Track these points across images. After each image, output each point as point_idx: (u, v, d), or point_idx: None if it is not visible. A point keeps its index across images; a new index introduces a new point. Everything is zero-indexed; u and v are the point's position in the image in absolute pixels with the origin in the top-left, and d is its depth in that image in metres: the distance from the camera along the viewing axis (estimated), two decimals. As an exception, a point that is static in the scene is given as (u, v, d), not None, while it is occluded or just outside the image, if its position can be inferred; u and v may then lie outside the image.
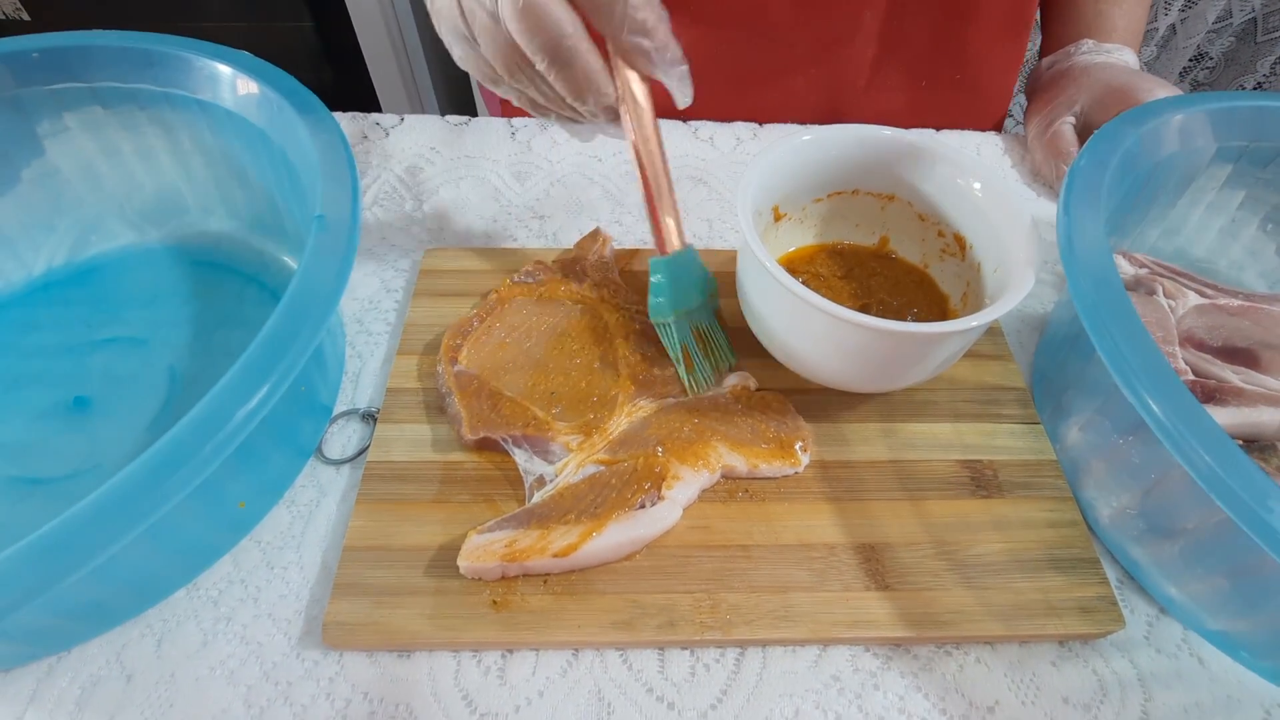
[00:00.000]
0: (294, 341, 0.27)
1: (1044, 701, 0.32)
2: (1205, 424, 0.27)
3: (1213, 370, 0.38)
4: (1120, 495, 0.34)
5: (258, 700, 0.31)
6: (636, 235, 0.49)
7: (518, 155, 0.54)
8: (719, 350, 0.39)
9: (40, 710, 0.30)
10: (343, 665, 0.32)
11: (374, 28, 1.21)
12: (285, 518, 0.36)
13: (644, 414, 0.36)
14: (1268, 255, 0.47)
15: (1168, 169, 0.41)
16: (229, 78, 0.40)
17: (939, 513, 0.36)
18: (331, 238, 0.31)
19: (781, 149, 0.38)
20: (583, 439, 0.35)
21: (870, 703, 0.31)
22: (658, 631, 0.31)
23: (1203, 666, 0.33)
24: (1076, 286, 0.31)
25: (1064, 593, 0.33)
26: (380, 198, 0.51)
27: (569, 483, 0.34)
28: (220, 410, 0.26)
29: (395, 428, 0.37)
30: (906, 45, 0.55)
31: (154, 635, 0.32)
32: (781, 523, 0.35)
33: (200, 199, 0.46)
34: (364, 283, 0.46)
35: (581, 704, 0.31)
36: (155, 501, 0.24)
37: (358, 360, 0.42)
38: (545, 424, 0.36)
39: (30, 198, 0.44)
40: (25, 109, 0.41)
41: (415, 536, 0.34)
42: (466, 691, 0.31)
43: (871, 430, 0.38)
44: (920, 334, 0.31)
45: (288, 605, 0.33)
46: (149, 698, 0.31)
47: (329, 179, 0.33)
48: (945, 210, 0.40)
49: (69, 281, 0.45)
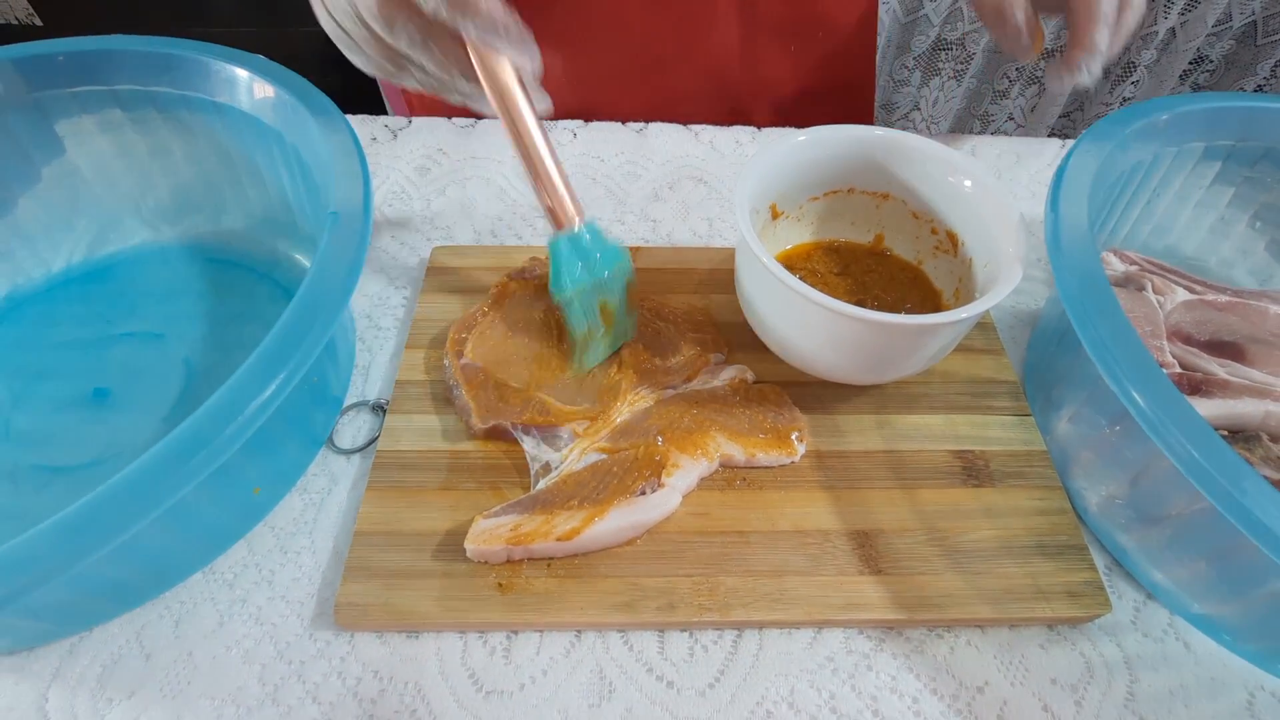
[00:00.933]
0: (309, 332, 0.29)
1: (1032, 682, 0.33)
2: (1185, 412, 0.28)
3: (1199, 363, 0.39)
4: (1107, 484, 0.35)
5: (272, 678, 0.32)
6: (638, 234, 0.51)
7: (522, 156, 0.55)
8: (619, 328, 0.39)
9: (63, 687, 0.31)
10: (354, 645, 0.33)
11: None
12: (298, 505, 0.37)
13: (645, 404, 0.38)
14: (1257, 252, 0.48)
15: (1155, 168, 0.43)
16: (244, 80, 0.41)
17: (931, 501, 0.37)
18: (345, 233, 0.32)
19: (779, 148, 0.39)
20: (588, 424, 0.37)
21: (863, 682, 0.32)
22: (658, 613, 0.33)
23: (1188, 650, 0.34)
24: (1063, 282, 0.32)
25: (1053, 578, 0.34)
26: (389, 197, 0.52)
27: (572, 470, 0.35)
28: (238, 397, 0.27)
29: (404, 418, 0.38)
30: (763, 17, 0.57)
31: (172, 616, 0.33)
32: (778, 510, 0.36)
33: (214, 198, 0.48)
34: (373, 279, 0.47)
35: (584, 683, 0.32)
36: (176, 483, 0.25)
37: (367, 354, 0.43)
38: (552, 411, 0.37)
39: (50, 197, 0.45)
40: (47, 110, 0.43)
41: (424, 522, 0.35)
42: (473, 670, 0.32)
43: (866, 422, 0.40)
44: (912, 325, 0.33)
45: (300, 588, 0.34)
46: (168, 675, 0.32)
47: (342, 177, 0.35)
48: (938, 208, 0.41)
49: (88, 278, 0.46)
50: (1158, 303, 0.41)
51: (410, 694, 0.32)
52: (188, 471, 0.26)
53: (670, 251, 0.47)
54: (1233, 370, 0.38)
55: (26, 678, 0.32)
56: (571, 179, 0.53)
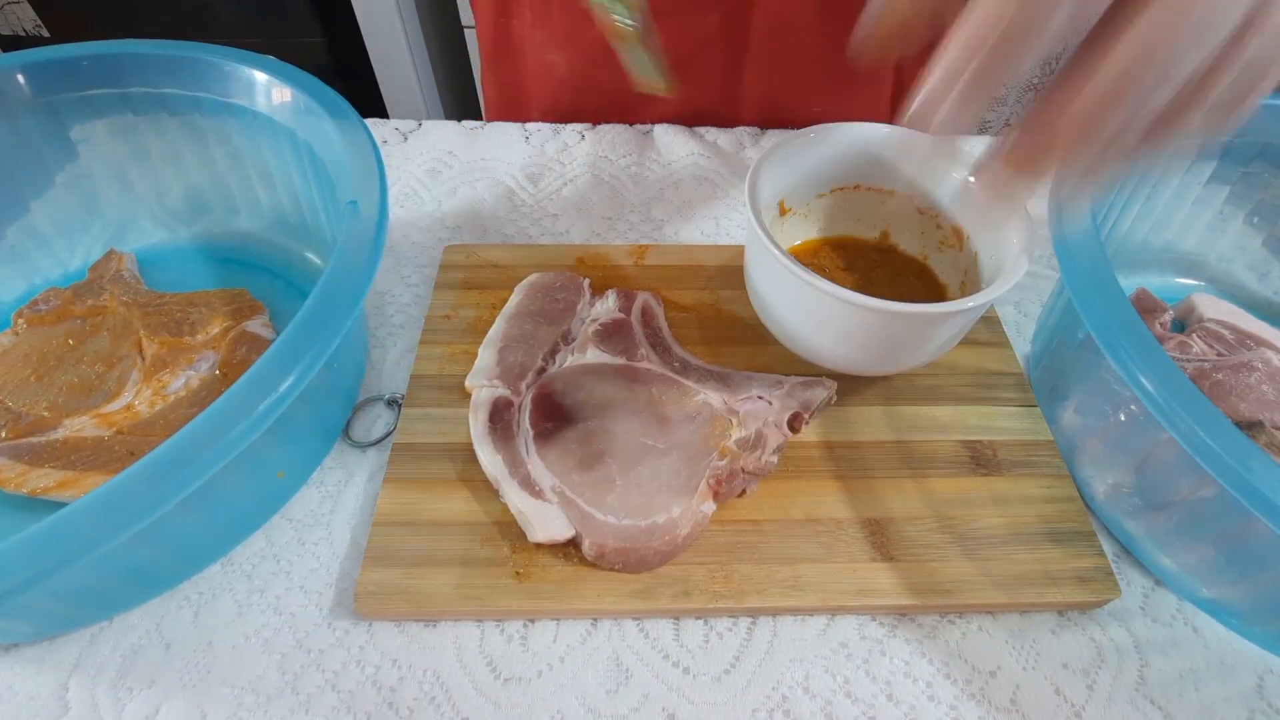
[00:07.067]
0: (333, 313, 0.29)
1: (1044, 666, 0.33)
2: (1191, 394, 0.28)
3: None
4: (1114, 471, 0.36)
5: (291, 667, 0.32)
6: (641, 231, 0.51)
7: (531, 158, 0.56)
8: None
9: (84, 676, 0.32)
10: (372, 634, 0.33)
11: (383, 39, 1.24)
12: (315, 497, 0.37)
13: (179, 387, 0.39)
14: (1254, 248, 0.48)
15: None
16: (256, 80, 0.41)
17: (941, 489, 0.37)
18: (364, 222, 0.32)
19: (786, 146, 0.40)
20: (97, 420, 0.37)
21: (877, 668, 0.33)
22: (673, 600, 0.33)
23: (1196, 634, 0.34)
24: (1068, 269, 0.33)
25: (1062, 564, 0.35)
26: (400, 198, 0.53)
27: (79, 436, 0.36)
28: (272, 371, 0.27)
29: (419, 411, 0.39)
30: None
31: (191, 606, 0.34)
32: (790, 499, 0.36)
33: (227, 199, 0.48)
34: (386, 278, 0.48)
35: (600, 669, 0.32)
36: (208, 461, 0.26)
37: (380, 350, 0.44)
38: (41, 420, 0.37)
39: (64, 200, 0.46)
40: (60, 114, 0.43)
41: (441, 512, 0.35)
42: (491, 658, 0.32)
43: (876, 413, 0.40)
44: (920, 314, 0.33)
45: (318, 578, 0.35)
46: (187, 664, 0.32)
47: (358, 169, 0.35)
48: (943, 203, 0.41)
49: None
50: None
51: (429, 681, 0.32)
52: (220, 449, 0.26)
53: (679, 249, 0.48)
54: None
55: (47, 667, 0.32)
56: (580, 179, 0.55)
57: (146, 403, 0.38)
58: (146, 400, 0.38)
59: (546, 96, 0.61)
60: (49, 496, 0.34)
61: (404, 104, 1.34)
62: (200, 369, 0.40)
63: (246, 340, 0.41)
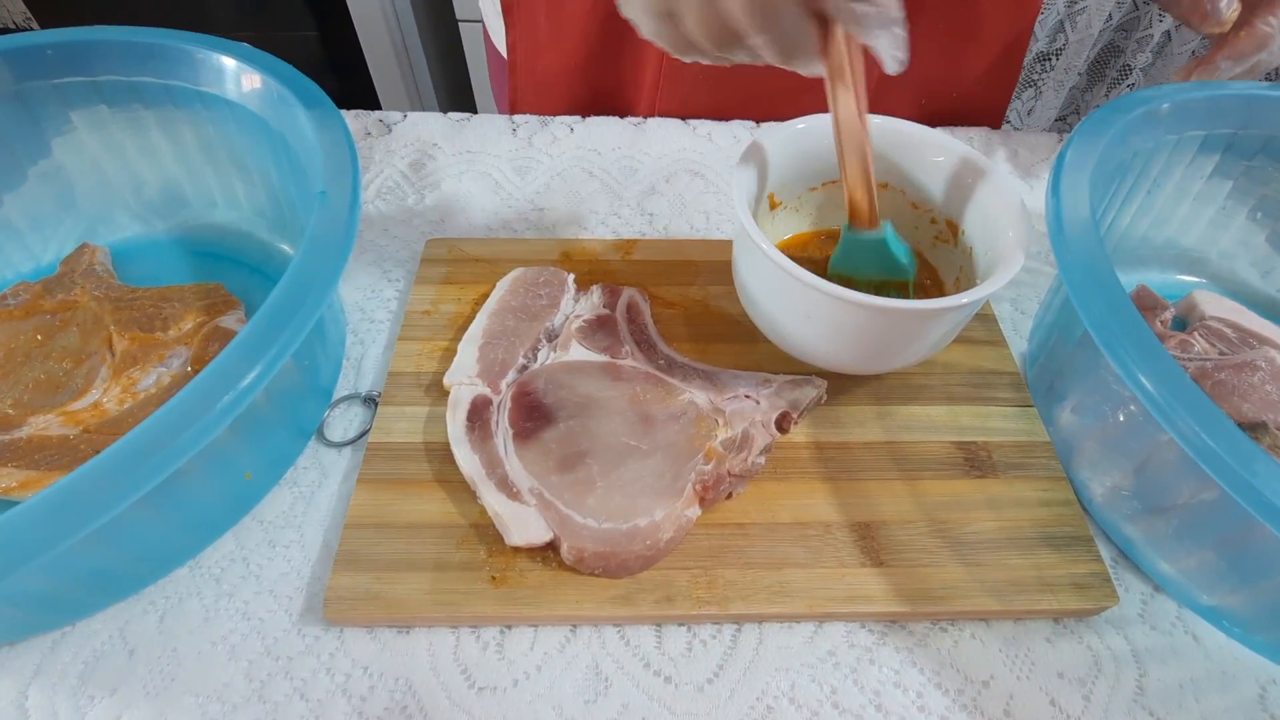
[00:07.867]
0: (300, 305, 0.28)
1: (1039, 676, 0.32)
2: (1192, 395, 0.27)
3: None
4: (1112, 474, 0.35)
5: (258, 674, 0.31)
6: (634, 227, 0.50)
7: (518, 150, 0.55)
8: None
9: (44, 683, 0.31)
10: (343, 640, 0.32)
11: (376, 33, 1.23)
12: (287, 498, 0.36)
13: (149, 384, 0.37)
14: (1258, 244, 0.47)
15: (1154, 157, 0.42)
16: (228, 68, 0.40)
17: (933, 492, 0.36)
18: (334, 212, 0.31)
19: (776, 137, 0.39)
20: (63, 418, 0.36)
21: (866, 677, 0.32)
22: (655, 606, 0.32)
23: (1197, 643, 0.33)
24: (1066, 266, 0.32)
25: (1058, 569, 0.33)
26: (383, 191, 0.52)
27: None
28: (233, 369, 0.26)
29: (396, 410, 0.38)
30: (911, 64, 0.55)
31: (156, 611, 0.32)
32: (777, 502, 0.35)
33: (204, 192, 0.47)
34: (366, 272, 0.46)
35: (579, 678, 0.31)
36: (166, 460, 0.24)
37: (359, 346, 0.42)
38: (5, 418, 0.36)
39: (37, 194, 0.45)
40: (31, 105, 0.42)
41: (416, 514, 0.34)
42: (465, 666, 0.31)
43: (867, 413, 0.39)
44: (912, 310, 0.32)
45: (289, 582, 0.33)
46: (151, 671, 0.31)
47: (329, 158, 0.34)
48: (937, 197, 0.40)
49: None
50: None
51: (401, 690, 0.31)
52: (177, 448, 0.25)
53: (668, 244, 0.47)
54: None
55: (6, 674, 0.31)
56: (568, 172, 0.53)
57: (115, 400, 0.37)
58: (115, 398, 0.37)
59: (579, 85, 0.59)
60: (11, 497, 0.33)
61: (397, 98, 1.33)
62: (172, 366, 0.39)
63: (220, 336, 0.40)
